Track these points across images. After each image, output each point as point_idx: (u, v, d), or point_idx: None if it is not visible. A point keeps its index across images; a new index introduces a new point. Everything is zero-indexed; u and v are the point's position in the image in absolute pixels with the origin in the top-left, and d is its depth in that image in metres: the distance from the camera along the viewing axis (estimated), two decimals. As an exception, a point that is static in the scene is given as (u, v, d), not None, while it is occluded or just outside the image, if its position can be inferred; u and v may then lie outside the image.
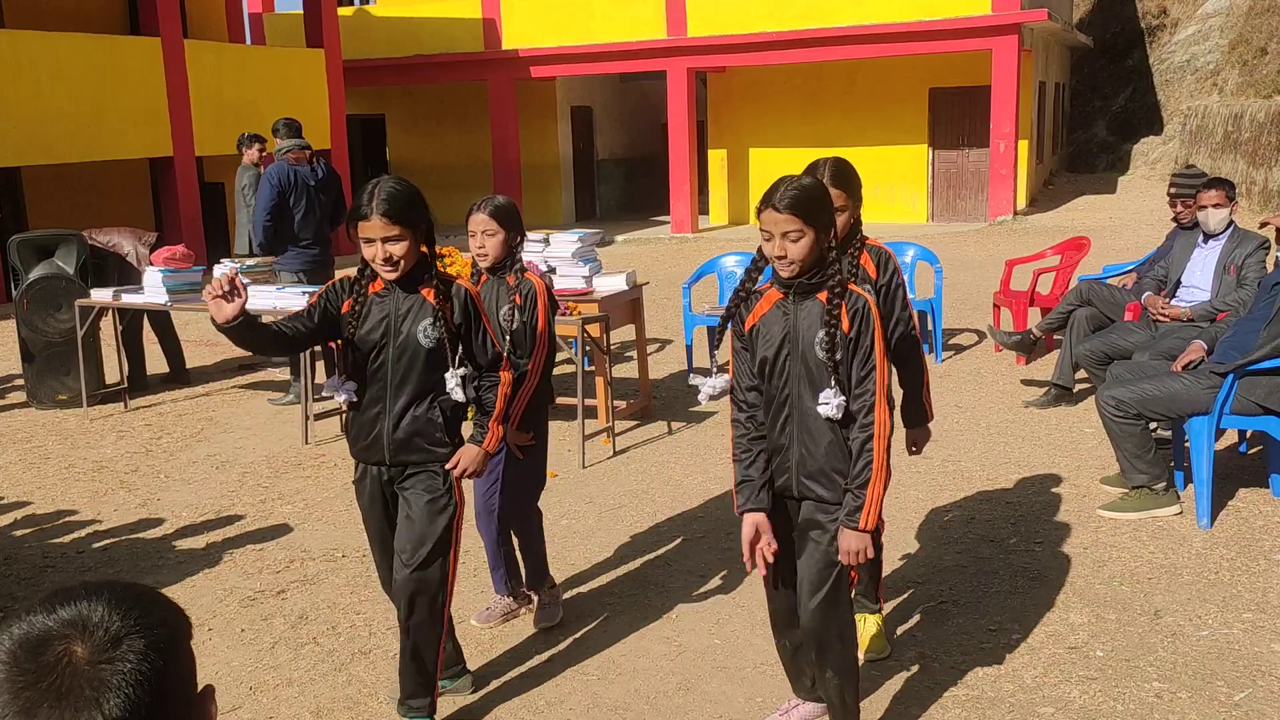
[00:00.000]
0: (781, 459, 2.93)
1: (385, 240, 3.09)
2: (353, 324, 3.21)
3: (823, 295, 2.83)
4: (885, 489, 2.84)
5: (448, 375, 3.19)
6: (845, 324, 2.81)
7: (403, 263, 3.13)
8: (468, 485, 3.55)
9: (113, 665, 1.07)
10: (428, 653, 3.28)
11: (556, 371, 6.73)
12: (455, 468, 3.24)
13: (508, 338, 3.83)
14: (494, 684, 3.66)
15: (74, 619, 1.09)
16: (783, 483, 2.94)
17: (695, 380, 3.09)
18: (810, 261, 2.81)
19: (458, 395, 3.21)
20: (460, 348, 3.23)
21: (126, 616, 1.10)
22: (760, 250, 2.88)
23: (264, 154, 7.93)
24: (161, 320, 8.14)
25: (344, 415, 3.42)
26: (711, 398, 3.07)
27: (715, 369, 3.06)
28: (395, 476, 3.30)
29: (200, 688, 1.17)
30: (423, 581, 3.23)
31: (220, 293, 2.95)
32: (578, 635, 3.97)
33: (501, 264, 3.90)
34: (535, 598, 4.11)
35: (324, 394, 3.34)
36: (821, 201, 2.83)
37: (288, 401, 7.48)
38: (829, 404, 2.80)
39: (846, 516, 2.83)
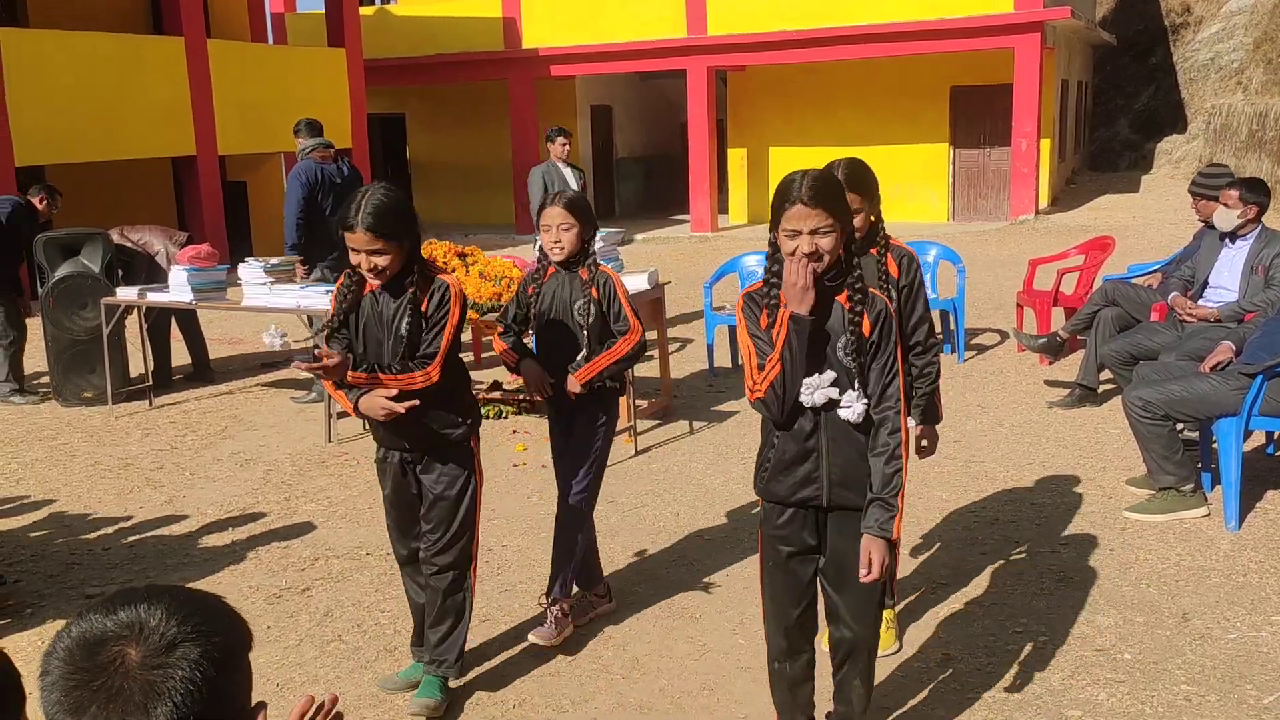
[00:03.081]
0: (809, 468, 2.79)
1: (370, 253, 3.19)
2: (353, 321, 3.38)
3: (842, 297, 2.73)
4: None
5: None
6: (866, 327, 2.72)
7: (387, 271, 3.24)
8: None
9: (164, 671, 1.06)
10: (460, 623, 3.51)
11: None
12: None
13: (585, 331, 3.80)
14: (518, 681, 3.66)
15: (132, 621, 1.09)
16: (810, 493, 2.81)
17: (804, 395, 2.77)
18: (835, 259, 2.72)
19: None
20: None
21: (184, 623, 1.10)
22: (772, 248, 2.79)
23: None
24: (187, 318, 8.19)
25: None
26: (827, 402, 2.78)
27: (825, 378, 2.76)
28: (416, 459, 3.46)
29: (254, 703, 1.16)
30: (449, 563, 3.46)
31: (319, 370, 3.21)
32: (602, 634, 3.97)
33: (575, 258, 3.87)
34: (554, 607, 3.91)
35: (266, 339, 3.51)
36: (844, 195, 2.75)
37: (310, 400, 7.51)
38: (851, 407, 2.72)
39: (879, 526, 2.71)
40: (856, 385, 2.72)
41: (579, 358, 3.81)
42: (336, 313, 3.39)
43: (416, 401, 3.27)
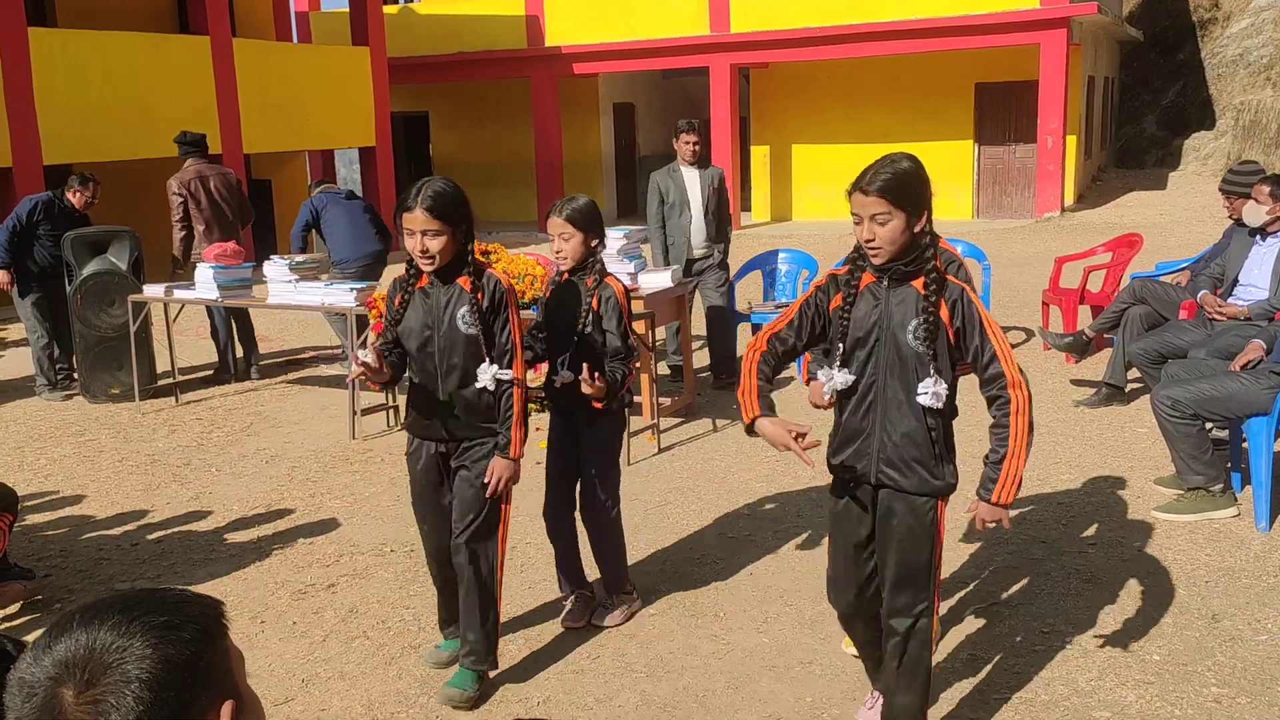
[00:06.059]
0: (862, 444, 2.92)
1: (425, 234, 3.33)
2: (399, 315, 3.49)
3: (918, 283, 2.79)
4: (1025, 462, 2.87)
5: (481, 369, 3.42)
6: (945, 314, 2.79)
7: (439, 257, 3.36)
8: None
9: (94, 707, 1.06)
10: (488, 612, 3.53)
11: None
12: (490, 484, 3.45)
13: (576, 339, 3.84)
14: (542, 679, 3.66)
15: (62, 659, 1.09)
16: (862, 467, 2.93)
17: (821, 375, 2.93)
18: (902, 247, 2.76)
19: (489, 385, 3.43)
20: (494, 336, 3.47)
21: (107, 652, 1.08)
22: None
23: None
24: (242, 315, 8.29)
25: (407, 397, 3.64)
26: (836, 392, 2.93)
27: (837, 365, 2.90)
28: (451, 451, 3.55)
29: (222, 706, 1.12)
30: (477, 549, 3.50)
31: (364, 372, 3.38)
32: (626, 633, 3.97)
33: (581, 266, 3.90)
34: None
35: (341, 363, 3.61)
36: (915, 184, 2.75)
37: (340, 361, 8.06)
38: (928, 393, 2.79)
39: (982, 487, 2.85)
40: (933, 371, 2.79)
41: (560, 363, 3.87)
42: (392, 315, 3.51)
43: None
